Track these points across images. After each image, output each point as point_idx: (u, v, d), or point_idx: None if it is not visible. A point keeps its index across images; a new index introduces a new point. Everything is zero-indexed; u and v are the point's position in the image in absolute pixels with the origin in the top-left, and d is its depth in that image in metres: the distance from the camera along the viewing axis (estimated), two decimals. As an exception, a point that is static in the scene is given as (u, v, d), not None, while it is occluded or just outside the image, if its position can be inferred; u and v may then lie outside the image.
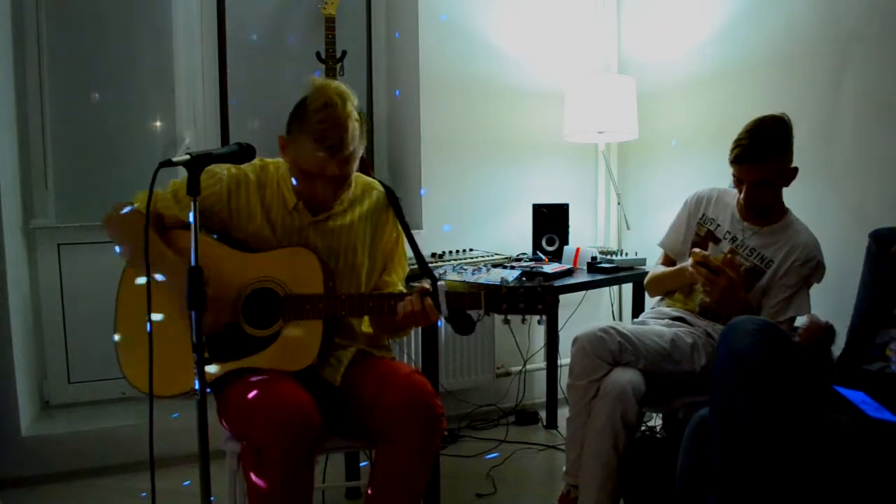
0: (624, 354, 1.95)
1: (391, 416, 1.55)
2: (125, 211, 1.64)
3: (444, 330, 2.86)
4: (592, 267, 2.60)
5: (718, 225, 2.14)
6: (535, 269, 2.44)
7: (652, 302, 2.34)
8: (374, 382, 1.61)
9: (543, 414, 3.11)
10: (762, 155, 1.92)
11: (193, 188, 1.30)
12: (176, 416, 2.44)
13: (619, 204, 3.12)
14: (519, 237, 3.02)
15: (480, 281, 2.13)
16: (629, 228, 3.11)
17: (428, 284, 1.56)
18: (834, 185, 2.33)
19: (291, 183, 1.67)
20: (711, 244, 2.14)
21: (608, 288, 3.23)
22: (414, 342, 2.82)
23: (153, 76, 2.80)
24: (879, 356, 1.69)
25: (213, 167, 1.61)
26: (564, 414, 2.22)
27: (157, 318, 1.58)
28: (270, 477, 1.43)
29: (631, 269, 2.65)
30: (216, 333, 1.59)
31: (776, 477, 1.45)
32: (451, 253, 2.64)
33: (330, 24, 2.79)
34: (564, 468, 2.09)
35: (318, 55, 2.82)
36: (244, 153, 1.43)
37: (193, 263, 1.31)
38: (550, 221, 2.87)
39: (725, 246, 2.10)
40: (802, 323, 1.97)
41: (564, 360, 2.58)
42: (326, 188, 1.61)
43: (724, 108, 2.77)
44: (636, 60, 3.22)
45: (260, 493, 1.44)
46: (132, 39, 2.77)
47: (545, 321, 1.60)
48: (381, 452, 1.58)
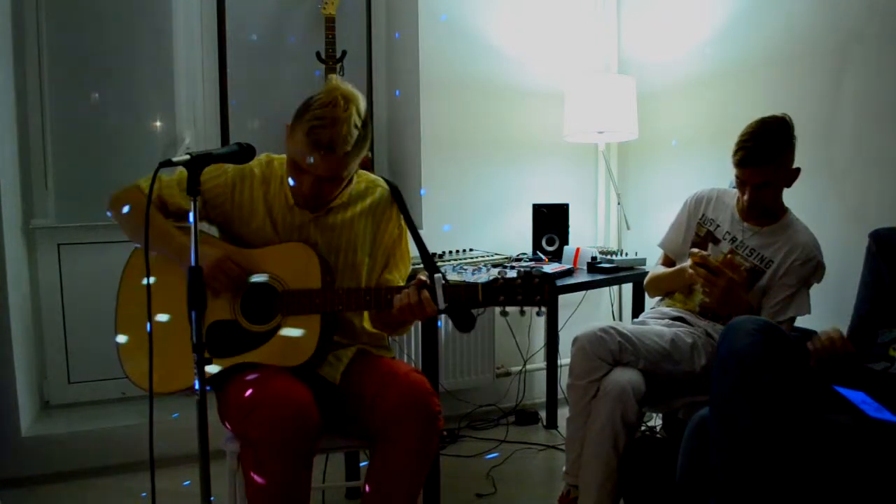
0: (624, 354, 1.95)
1: (390, 415, 1.55)
2: (125, 210, 1.64)
3: (444, 330, 2.86)
4: (592, 267, 2.61)
5: (718, 225, 2.14)
6: (535, 268, 2.43)
7: (652, 302, 2.34)
8: (373, 382, 1.61)
9: (543, 414, 3.11)
10: (766, 158, 1.91)
11: (193, 188, 1.31)
12: (176, 416, 2.45)
13: (619, 204, 3.12)
14: (519, 237, 3.02)
15: (480, 281, 2.12)
16: (629, 228, 3.11)
17: (425, 277, 1.56)
18: (834, 185, 2.33)
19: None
20: (711, 244, 2.14)
21: (608, 288, 3.23)
22: (414, 342, 2.82)
23: (153, 76, 2.80)
24: (883, 355, 1.68)
25: None
26: (564, 414, 2.22)
27: (161, 316, 1.59)
28: (269, 474, 1.43)
29: (631, 269, 2.66)
30: (213, 325, 1.59)
31: (776, 477, 1.45)
32: (451, 253, 2.64)
33: (330, 24, 2.79)
34: (564, 468, 2.10)
35: (318, 55, 2.82)
36: (244, 153, 1.43)
37: (193, 263, 1.32)
38: (550, 221, 2.88)
39: (725, 246, 2.10)
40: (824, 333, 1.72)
41: (564, 360, 2.58)
42: (312, 185, 1.59)
43: (724, 108, 2.77)
44: (636, 60, 3.22)
45: (258, 490, 1.44)
46: (132, 39, 2.77)
47: (545, 313, 1.60)
48: (379, 451, 1.58)
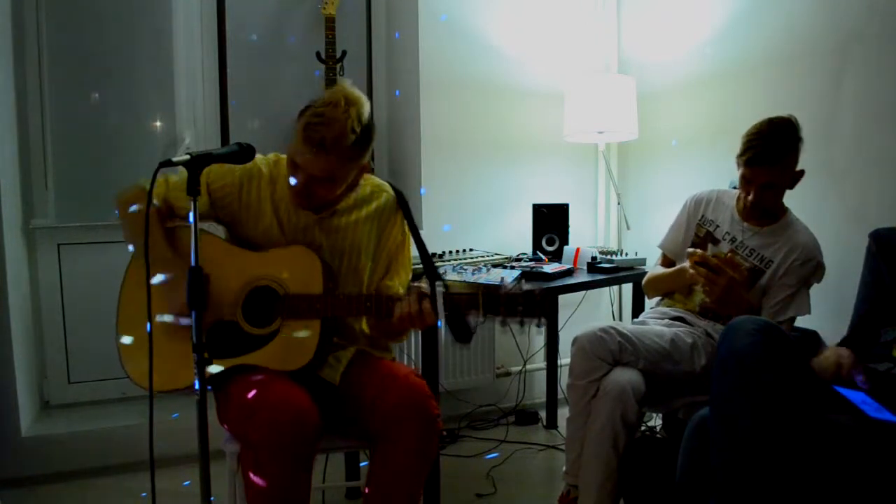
0: (624, 354, 1.95)
1: (390, 415, 1.55)
2: (133, 209, 1.63)
3: (444, 331, 2.85)
4: (592, 267, 2.61)
5: (718, 226, 2.14)
6: (535, 269, 2.44)
7: (652, 302, 2.34)
8: (373, 383, 1.61)
9: (543, 414, 3.11)
10: (775, 158, 1.92)
11: (193, 188, 1.31)
12: (176, 416, 2.45)
13: (619, 204, 3.12)
14: (519, 237, 3.02)
15: (480, 281, 2.12)
16: (629, 228, 3.11)
17: (426, 286, 1.55)
18: (834, 185, 2.33)
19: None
20: (710, 245, 2.14)
21: (608, 288, 3.23)
22: (414, 343, 2.82)
23: (153, 76, 2.80)
24: (885, 355, 1.68)
25: None
26: (564, 414, 2.22)
27: (163, 316, 1.59)
28: (268, 476, 1.43)
29: (631, 269, 2.65)
30: (214, 327, 1.59)
31: (776, 477, 1.45)
32: (451, 253, 2.64)
33: (330, 24, 2.79)
34: (564, 468, 2.10)
35: (318, 55, 2.82)
36: (244, 153, 1.43)
37: (193, 263, 1.32)
38: (550, 221, 2.88)
39: (725, 247, 2.10)
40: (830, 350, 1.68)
41: (564, 360, 2.58)
42: (304, 184, 1.57)
43: (724, 108, 2.77)
44: (636, 60, 3.22)
45: (258, 492, 1.43)
46: (132, 39, 2.77)
47: (545, 325, 1.59)
48: (379, 452, 1.58)
